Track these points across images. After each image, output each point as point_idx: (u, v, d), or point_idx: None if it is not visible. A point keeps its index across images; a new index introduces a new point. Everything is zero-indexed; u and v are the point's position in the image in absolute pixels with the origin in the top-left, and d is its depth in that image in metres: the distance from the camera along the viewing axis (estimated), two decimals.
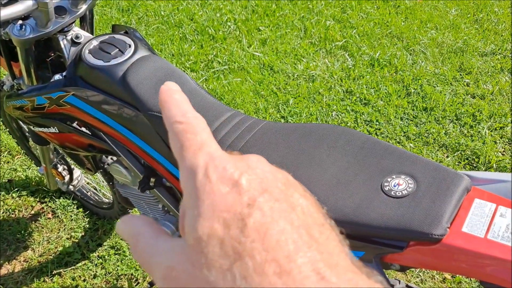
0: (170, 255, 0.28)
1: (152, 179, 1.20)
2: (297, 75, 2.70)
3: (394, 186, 0.85)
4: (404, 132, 2.33)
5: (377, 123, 2.38)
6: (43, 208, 2.05)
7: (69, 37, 1.19)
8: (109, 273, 1.81)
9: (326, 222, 0.29)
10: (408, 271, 1.74)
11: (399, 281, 1.15)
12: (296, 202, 0.29)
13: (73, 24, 1.20)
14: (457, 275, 1.74)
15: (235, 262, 0.25)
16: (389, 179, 0.86)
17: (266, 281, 0.25)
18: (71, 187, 1.90)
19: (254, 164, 0.30)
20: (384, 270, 0.87)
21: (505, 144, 2.25)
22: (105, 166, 1.55)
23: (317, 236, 0.27)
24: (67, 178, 1.84)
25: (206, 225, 0.27)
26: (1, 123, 2.29)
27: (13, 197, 2.07)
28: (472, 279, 1.73)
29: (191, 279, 0.26)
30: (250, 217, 0.26)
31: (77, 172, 1.90)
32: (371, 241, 0.82)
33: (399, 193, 0.84)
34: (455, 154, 2.20)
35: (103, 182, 2.08)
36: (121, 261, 1.84)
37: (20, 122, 1.89)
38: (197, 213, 0.27)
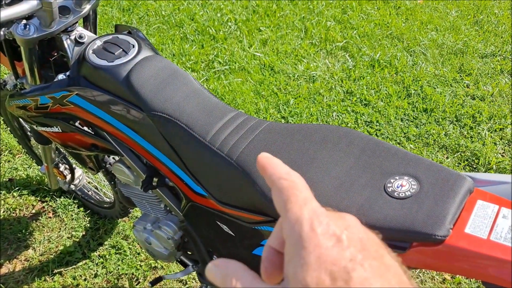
0: None
1: (155, 179, 1.20)
2: (297, 76, 2.70)
3: (397, 187, 0.85)
4: (405, 133, 2.34)
5: (378, 124, 2.39)
6: (44, 207, 2.06)
7: (72, 37, 1.19)
8: (110, 273, 1.82)
9: (412, 284, 0.32)
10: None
11: None
12: (388, 262, 0.32)
13: (77, 24, 1.20)
14: (457, 276, 1.75)
15: None
16: (392, 180, 0.86)
17: None
18: (72, 186, 1.90)
19: (352, 223, 0.33)
20: None
21: (505, 146, 2.26)
22: (107, 166, 1.55)
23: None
24: (68, 177, 1.84)
25: (314, 275, 0.29)
26: (2, 121, 2.29)
27: (14, 196, 2.07)
28: (472, 280, 1.73)
29: None
30: (354, 272, 0.29)
31: (78, 171, 1.90)
32: None
33: (402, 194, 0.84)
34: (455, 155, 2.20)
35: (104, 181, 2.08)
36: (122, 261, 1.85)
37: (22, 121, 1.89)
38: (304, 262, 0.30)
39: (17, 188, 2.09)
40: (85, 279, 1.80)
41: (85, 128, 1.24)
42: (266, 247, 0.37)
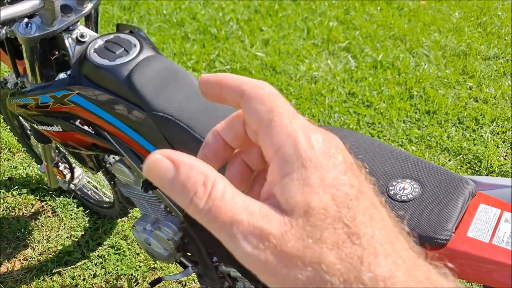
0: (266, 219, 0.26)
1: None
2: (299, 76, 2.69)
3: (400, 190, 0.85)
4: (407, 135, 2.33)
5: (380, 125, 2.38)
6: (43, 206, 2.05)
7: (74, 36, 1.18)
8: (109, 273, 1.81)
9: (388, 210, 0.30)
10: None
11: None
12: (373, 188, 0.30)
13: (78, 23, 1.20)
14: (459, 280, 1.74)
15: (346, 240, 0.25)
16: (394, 183, 0.86)
17: (375, 263, 0.25)
18: (72, 185, 1.89)
19: (341, 145, 0.30)
20: None
21: (507, 149, 2.25)
22: (107, 166, 1.55)
23: (396, 224, 0.29)
24: (68, 176, 1.84)
25: (318, 199, 0.26)
26: (2, 120, 2.28)
27: (13, 195, 2.07)
28: (473, 283, 1.73)
29: (295, 251, 0.25)
30: (356, 200, 0.27)
31: (78, 170, 1.89)
32: None
33: (404, 197, 0.83)
34: (457, 158, 2.19)
35: (103, 181, 2.08)
36: (121, 261, 1.84)
37: (22, 120, 1.89)
38: (306, 184, 0.26)
39: (16, 187, 2.09)
40: (84, 279, 1.79)
41: (86, 128, 1.24)
42: (213, 133, 0.34)
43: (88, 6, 1.18)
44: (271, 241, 0.25)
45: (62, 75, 1.16)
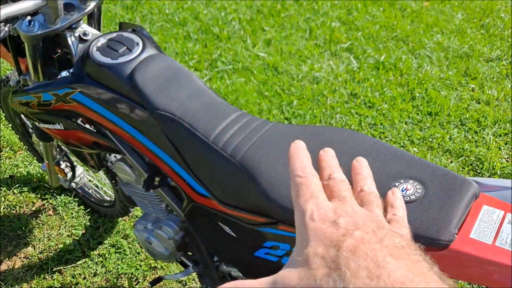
0: (282, 280, 0.36)
1: (157, 178, 1.19)
2: (301, 77, 2.69)
3: (402, 191, 0.84)
4: (408, 136, 2.32)
5: (381, 126, 2.38)
6: (44, 204, 2.05)
7: (76, 34, 1.18)
8: (110, 272, 1.81)
9: (419, 253, 0.36)
10: None
11: None
12: (388, 235, 0.37)
13: (81, 21, 1.20)
14: (460, 281, 1.73)
15: (335, 270, 0.34)
16: (397, 184, 0.85)
17: (360, 282, 0.32)
18: (73, 184, 1.89)
19: (350, 211, 0.39)
20: None
21: (510, 151, 2.25)
22: (109, 164, 1.55)
23: (406, 256, 0.34)
24: (69, 175, 1.83)
25: (311, 249, 0.36)
26: (4, 118, 2.28)
27: (14, 193, 2.07)
28: (475, 285, 1.72)
29: (297, 286, 0.35)
30: (344, 242, 0.35)
31: (79, 169, 1.89)
32: None
33: (407, 198, 0.83)
34: (459, 159, 2.19)
35: (105, 179, 2.08)
36: (121, 260, 1.84)
37: (23, 118, 1.89)
38: (305, 243, 0.37)
39: (17, 185, 2.09)
40: (84, 278, 1.79)
41: (88, 126, 1.24)
42: None
43: (91, 5, 1.18)
44: None
45: (64, 73, 1.16)
